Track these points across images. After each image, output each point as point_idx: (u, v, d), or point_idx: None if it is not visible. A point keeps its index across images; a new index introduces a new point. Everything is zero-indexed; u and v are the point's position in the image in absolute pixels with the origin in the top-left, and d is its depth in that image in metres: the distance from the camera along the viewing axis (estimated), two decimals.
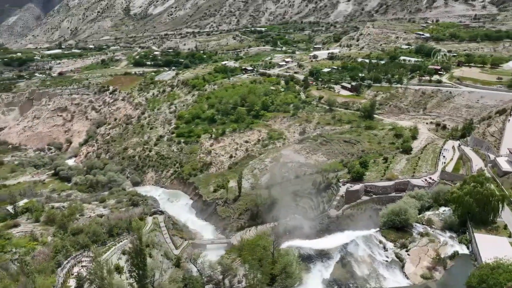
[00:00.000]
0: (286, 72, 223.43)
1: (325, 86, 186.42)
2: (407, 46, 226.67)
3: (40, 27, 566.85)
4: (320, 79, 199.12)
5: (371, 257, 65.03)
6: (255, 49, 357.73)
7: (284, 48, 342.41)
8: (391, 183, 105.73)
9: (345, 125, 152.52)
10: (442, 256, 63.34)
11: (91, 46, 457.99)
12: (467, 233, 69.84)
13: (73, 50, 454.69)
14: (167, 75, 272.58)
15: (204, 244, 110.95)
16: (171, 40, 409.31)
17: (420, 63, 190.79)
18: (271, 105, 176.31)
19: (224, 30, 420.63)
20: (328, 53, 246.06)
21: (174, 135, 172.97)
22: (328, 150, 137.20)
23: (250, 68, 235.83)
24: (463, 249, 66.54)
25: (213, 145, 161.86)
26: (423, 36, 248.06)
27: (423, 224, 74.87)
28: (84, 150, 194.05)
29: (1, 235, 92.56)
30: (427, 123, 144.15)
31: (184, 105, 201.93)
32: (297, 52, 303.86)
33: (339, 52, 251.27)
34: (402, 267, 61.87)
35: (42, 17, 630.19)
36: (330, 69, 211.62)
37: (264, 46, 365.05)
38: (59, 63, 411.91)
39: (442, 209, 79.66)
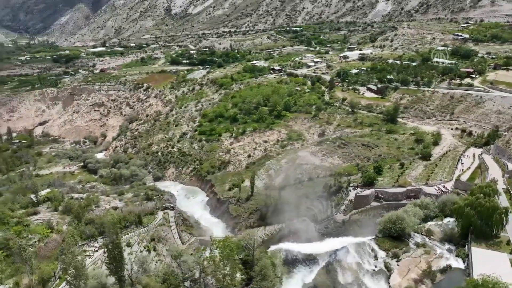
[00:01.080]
0: (314, 72, 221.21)
1: (351, 87, 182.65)
2: (443, 48, 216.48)
3: (87, 26, 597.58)
4: (346, 80, 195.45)
5: (359, 265, 63.47)
6: (289, 49, 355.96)
7: (318, 48, 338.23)
8: (402, 189, 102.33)
9: (366, 128, 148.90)
10: (433, 269, 60.73)
11: (132, 45, 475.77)
12: (466, 246, 66.50)
13: (115, 48, 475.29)
14: (198, 73, 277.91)
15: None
16: (207, 39, 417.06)
17: (453, 66, 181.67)
18: (293, 106, 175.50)
19: (259, 29, 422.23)
20: (359, 54, 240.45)
21: (196, 132, 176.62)
22: (345, 153, 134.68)
23: (278, 68, 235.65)
24: (459, 263, 63.53)
25: (233, 144, 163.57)
26: (461, 37, 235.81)
27: (422, 235, 72.12)
28: (114, 144, 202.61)
29: (20, 221, 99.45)
30: (452, 129, 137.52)
31: (210, 104, 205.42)
32: (330, 52, 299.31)
33: (371, 53, 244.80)
34: (388, 277, 59.89)
35: (91, 17, 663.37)
36: (358, 70, 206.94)
37: (298, 46, 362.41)
38: (102, 60, 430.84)
39: (446, 220, 76.28)
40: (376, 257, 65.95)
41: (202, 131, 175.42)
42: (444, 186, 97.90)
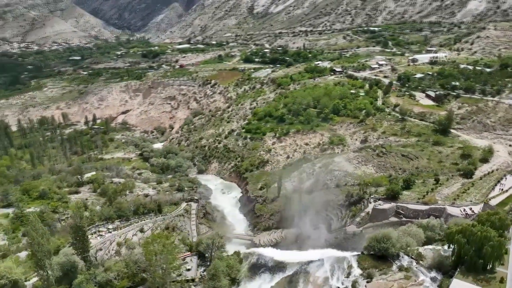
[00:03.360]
0: (376, 75, 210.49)
1: (408, 93, 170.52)
2: None
3: (178, 24, 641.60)
4: (406, 85, 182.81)
5: (326, 280, 60.78)
6: (363, 50, 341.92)
7: (394, 50, 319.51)
8: (425, 207, 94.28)
9: (411, 137, 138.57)
10: None
11: (213, 42, 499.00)
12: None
13: (198, 46, 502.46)
14: (264, 72, 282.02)
15: (230, 237, 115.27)
16: (282, 38, 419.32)
17: None
18: (342, 109, 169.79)
19: (336, 29, 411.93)
20: (431, 57, 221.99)
21: (243, 130, 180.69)
22: (381, 162, 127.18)
23: (339, 69, 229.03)
24: None
25: (275, 144, 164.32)
26: None
27: (411, 258, 66.36)
28: (172, 136, 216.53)
29: (62, 197, 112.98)
30: (511, 145, 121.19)
31: (264, 102, 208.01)
32: (406, 54, 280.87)
33: (445, 56, 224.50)
34: None
35: (183, 15, 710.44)
36: (423, 74, 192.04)
37: (373, 47, 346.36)
38: (184, 56, 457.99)
39: (447, 245, 68.91)
40: (348, 275, 62.46)
41: (248, 129, 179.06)
42: (471, 209, 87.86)
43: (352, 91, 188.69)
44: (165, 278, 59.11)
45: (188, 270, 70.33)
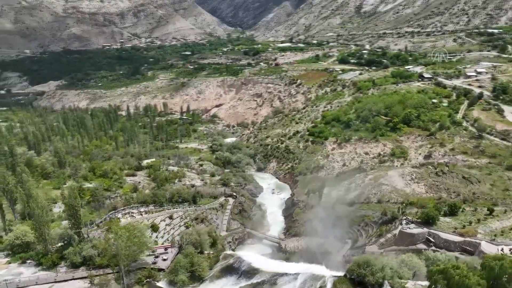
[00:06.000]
0: (469, 84, 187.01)
1: (496, 106, 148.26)
2: None
3: (285, 23, 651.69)
4: (501, 97, 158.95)
5: None
6: (475, 54, 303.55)
7: None
8: (458, 239, 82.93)
9: (483, 158, 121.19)
10: None
11: (314, 42, 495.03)
12: None
13: (299, 45, 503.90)
14: (350, 74, 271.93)
15: (260, 238, 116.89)
16: (384, 39, 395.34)
17: None
18: (414, 119, 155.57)
19: (448, 30, 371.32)
20: None
21: (307, 133, 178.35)
22: (436, 182, 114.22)
23: (428, 75, 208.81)
24: None
25: (334, 149, 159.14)
26: None
27: None
28: (243, 132, 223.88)
29: (119, 178, 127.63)
30: None
31: (338, 106, 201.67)
32: None
33: None
34: None
35: (292, 14, 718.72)
36: None
37: (488, 51, 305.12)
38: (283, 55, 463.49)
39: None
40: None
41: (312, 132, 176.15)
42: (510, 249, 74.39)
43: (434, 100, 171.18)
44: (122, 262, 64.41)
45: (165, 260, 74.69)
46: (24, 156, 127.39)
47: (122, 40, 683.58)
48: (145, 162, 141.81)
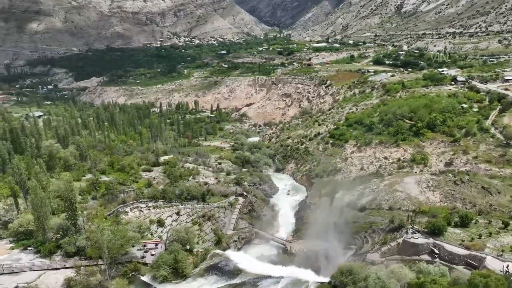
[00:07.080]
0: (506, 89, 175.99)
1: None
2: None
3: (322, 23, 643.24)
4: None
5: None
6: None
7: None
8: (463, 252, 78.92)
9: (508, 168, 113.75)
10: None
11: (350, 42, 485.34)
12: None
13: (334, 45, 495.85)
14: (382, 76, 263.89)
15: (268, 238, 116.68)
16: (423, 40, 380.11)
17: None
18: (439, 124, 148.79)
19: (493, 31, 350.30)
20: None
21: (328, 135, 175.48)
22: (452, 191, 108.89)
23: (462, 79, 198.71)
24: None
25: (353, 153, 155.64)
26: None
27: None
28: (266, 132, 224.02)
29: (135, 172, 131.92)
30: None
31: (363, 108, 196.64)
32: None
33: None
34: None
35: (330, 14, 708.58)
36: None
37: None
38: (317, 55, 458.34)
39: None
40: None
41: (333, 134, 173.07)
42: None
43: (464, 105, 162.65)
44: (104, 255, 66.75)
45: (153, 255, 76.37)
46: (50, 148, 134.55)
47: (162, 39, 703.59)
48: (162, 159, 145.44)
